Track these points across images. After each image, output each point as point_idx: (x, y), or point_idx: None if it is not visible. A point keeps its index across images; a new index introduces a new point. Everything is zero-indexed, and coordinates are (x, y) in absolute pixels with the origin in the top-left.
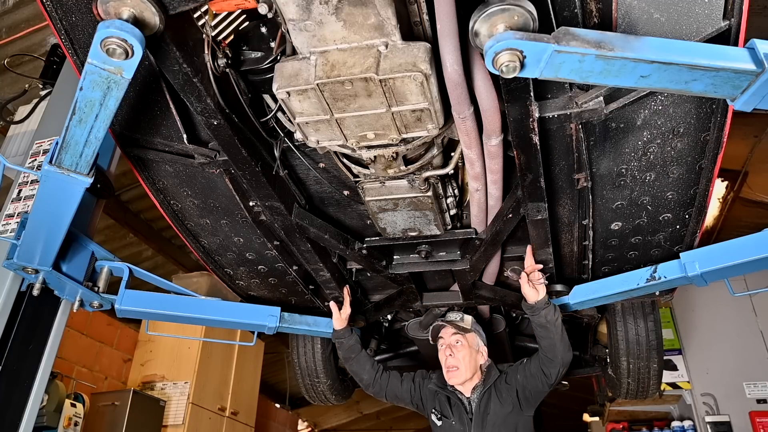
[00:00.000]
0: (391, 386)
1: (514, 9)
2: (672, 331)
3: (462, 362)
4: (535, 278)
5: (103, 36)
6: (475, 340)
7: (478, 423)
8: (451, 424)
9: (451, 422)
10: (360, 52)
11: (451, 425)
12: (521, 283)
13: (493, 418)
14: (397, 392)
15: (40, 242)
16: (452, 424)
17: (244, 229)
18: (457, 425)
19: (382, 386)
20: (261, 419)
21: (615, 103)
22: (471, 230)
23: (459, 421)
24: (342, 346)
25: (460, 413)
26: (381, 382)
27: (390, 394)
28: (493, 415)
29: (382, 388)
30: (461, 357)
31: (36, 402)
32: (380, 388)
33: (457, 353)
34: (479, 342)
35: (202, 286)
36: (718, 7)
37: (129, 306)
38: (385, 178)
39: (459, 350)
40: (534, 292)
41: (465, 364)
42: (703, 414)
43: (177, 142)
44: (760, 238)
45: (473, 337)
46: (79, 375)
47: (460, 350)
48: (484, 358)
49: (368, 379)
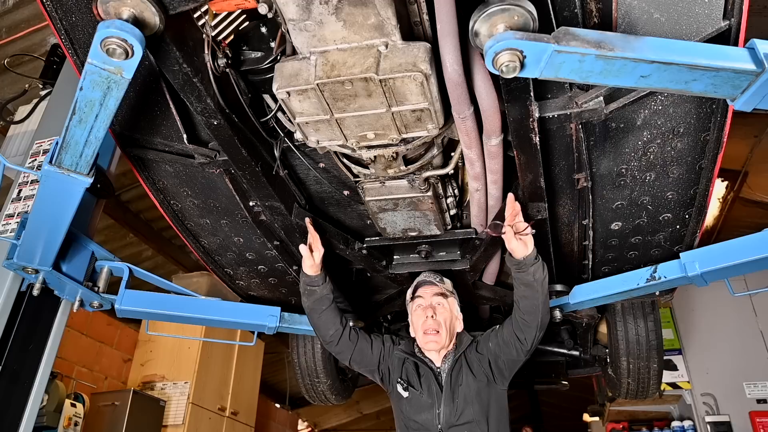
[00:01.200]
0: (360, 347)
1: (514, 9)
2: (672, 331)
3: (443, 327)
4: (520, 229)
5: (103, 36)
6: (455, 305)
7: (449, 396)
8: (420, 397)
9: (419, 394)
10: (360, 52)
11: (420, 398)
12: (506, 238)
13: (465, 390)
14: (365, 355)
15: (40, 242)
16: (420, 397)
17: (244, 229)
18: (426, 398)
19: (349, 346)
20: (261, 419)
21: (615, 103)
22: (471, 230)
23: (428, 393)
24: (312, 295)
25: (429, 384)
26: (348, 341)
27: (356, 356)
28: (465, 386)
29: (348, 348)
30: (443, 320)
31: (36, 402)
32: (345, 348)
33: (439, 315)
34: (458, 309)
35: (202, 286)
36: (718, 7)
37: (129, 306)
38: (385, 178)
39: (441, 312)
40: (522, 245)
41: (445, 329)
42: (703, 414)
43: (177, 142)
44: (760, 238)
45: (454, 303)
46: (79, 375)
47: (443, 313)
48: (461, 326)
49: (334, 335)
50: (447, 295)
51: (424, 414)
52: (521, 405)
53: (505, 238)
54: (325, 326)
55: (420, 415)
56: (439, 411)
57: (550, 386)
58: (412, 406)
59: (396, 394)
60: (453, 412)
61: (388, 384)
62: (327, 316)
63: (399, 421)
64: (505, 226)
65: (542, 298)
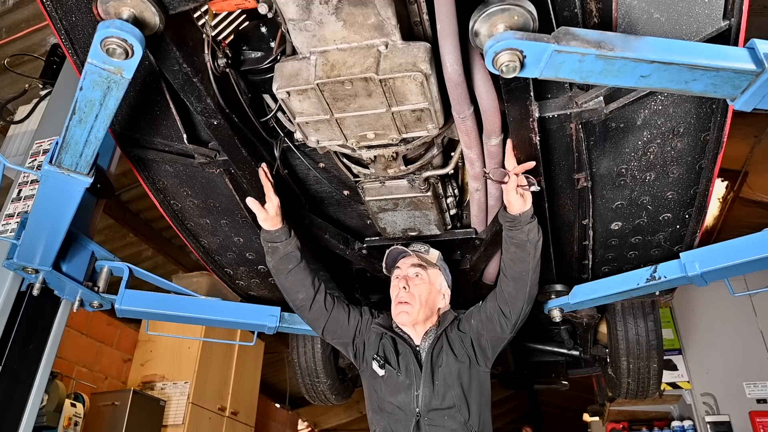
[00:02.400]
0: (335, 316)
1: (514, 9)
2: (672, 331)
3: (416, 300)
4: (522, 182)
5: (103, 36)
6: (438, 278)
7: (428, 377)
8: (397, 377)
9: (396, 374)
10: (360, 52)
11: (396, 378)
12: (506, 189)
13: (445, 371)
14: (341, 325)
15: (40, 242)
16: (398, 377)
17: (244, 229)
18: (403, 378)
19: (323, 313)
20: (261, 419)
21: (615, 103)
22: (471, 230)
23: (406, 373)
24: (276, 253)
25: (407, 363)
26: (323, 308)
27: (330, 326)
28: (445, 367)
29: (323, 315)
30: (417, 293)
31: (36, 402)
32: (319, 314)
33: (413, 287)
34: (443, 282)
35: (202, 286)
36: (718, 7)
37: (129, 306)
38: (385, 178)
39: (416, 285)
40: (520, 200)
41: (419, 302)
42: (703, 414)
43: (177, 142)
44: (760, 238)
45: (437, 275)
46: (79, 375)
47: (418, 285)
48: (445, 302)
49: (305, 298)
50: (426, 267)
51: (401, 395)
52: (521, 405)
53: (505, 189)
54: (293, 288)
55: (396, 397)
56: (417, 393)
57: (550, 386)
58: (388, 386)
59: (370, 372)
60: (433, 395)
61: (362, 361)
62: (295, 276)
63: (371, 403)
64: (510, 173)
65: (533, 263)
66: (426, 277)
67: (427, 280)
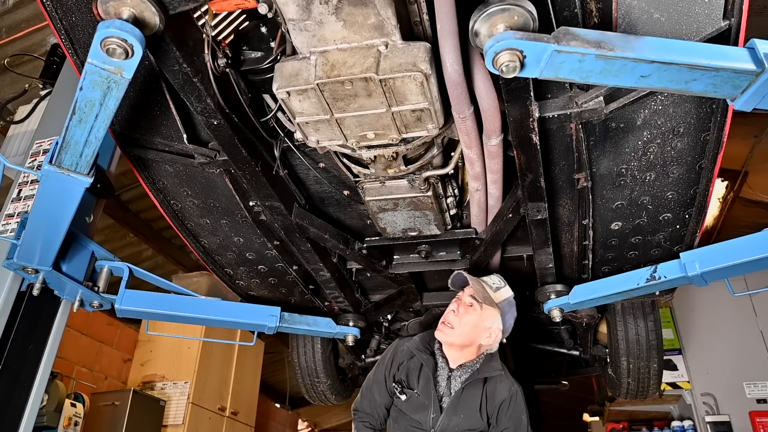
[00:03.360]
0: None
1: (514, 9)
2: (672, 331)
3: (459, 326)
4: None
5: (103, 36)
6: (491, 319)
7: (452, 408)
8: (416, 397)
9: (415, 394)
10: (360, 52)
11: (416, 398)
12: None
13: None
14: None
15: (40, 242)
16: (417, 397)
17: (244, 229)
18: (422, 398)
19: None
20: (261, 419)
21: (615, 103)
22: (471, 230)
23: (425, 395)
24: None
25: (427, 387)
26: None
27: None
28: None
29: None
30: (463, 322)
31: (36, 402)
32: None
33: (462, 315)
34: (497, 326)
35: (202, 286)
36: (718, 7)
37: (129, 306)
38: (385, 178)
39: (466, 313)
40: None
41: (462, 331)
42: (703, 414)
43: (177, 142)
44: (760, 238)
45: (492, 315)
46: (79, 375)
47: (468, 314)
48: (490, 342)
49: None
50: (481, 303)
51: (419, 414)
52: None
53: None
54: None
55: (415, 414)
56: (434, 415)
57: (550, 386)
58: (408, 405)
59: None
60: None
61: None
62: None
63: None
64: None
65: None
66: (479, 312)
67: (478, 314)
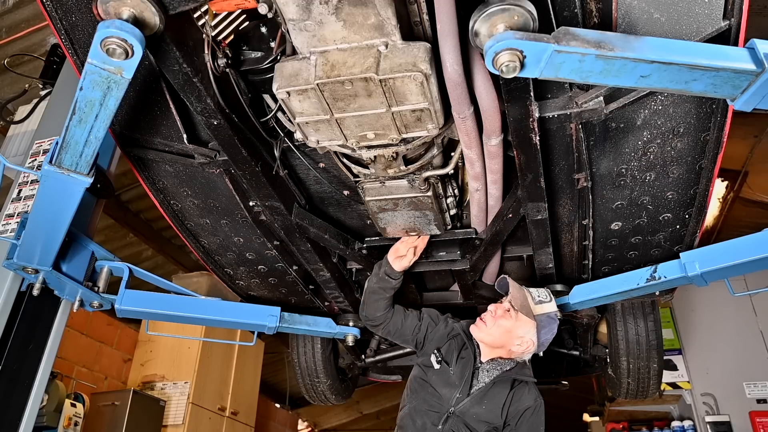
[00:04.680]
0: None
1: (514, 9)
2: (672, 331)
3: (493, 329)
4: None
5: (103, 36)
6: (525, 328)
7: (479, 396)
8: (449, 372)
9: (449, 370)
10: (360, 52)
11: (449, 373)
12: None
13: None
14: (399, 328)
15: (40, 242)
16: (450, 373)
17: (244, 229)
18: (455, 376)
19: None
20: (261, 419)
21: (615, 103)
22: (471, 230)
23: (459, 375)
24: (385, 283)
25: (464, 368)
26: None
27: (393, 331)
28: (490, 402)
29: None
30: (497, 324)
31: (36, 402)
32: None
33: (499, 318)
34: (530, 337)
35: (202, 286)
36: (718, 7)
37: (129, 306)
38: (385, 178)
39: (500, 318)
40: None
41: (494, 332)
42: (703, 414)
43: (177, 142)
44: (760, 238)
45: (527, 325)
46: (79, 375)
47: (503, 318)
48: (522, 350)
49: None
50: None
51: (446, 389)
52: None
53: None
54: (375, 308)
55: (442, 388)
56: (459, 396)
57: (550, 386)
58: (439, 377)
59: (426, 361)
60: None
61: (420, 350)
62: (382, 303)
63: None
64: None
65: None
66: (514, 321)
67: (512, 323)
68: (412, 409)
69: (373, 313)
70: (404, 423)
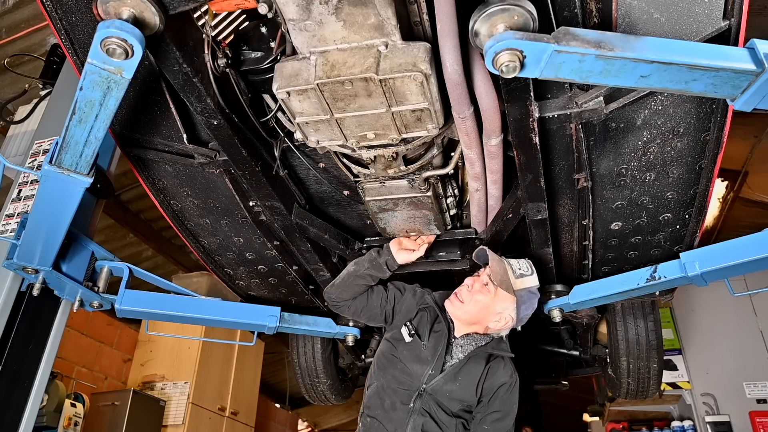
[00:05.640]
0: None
1: (514, 9)
2: (672, 331)
3: (469, 304)
4: None
5: (103, 36)
6: (504, 303)
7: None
8: (421, 347)
9: (421, 345)
10: (360, 52)
11: (420, 348)
12: None
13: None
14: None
15: (40, 242)
16: (422, 348)
17: (244, 229)
18: (427, 352)
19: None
20: (261, 419)
21: (615, 103)
22: (471, 230)
23: (432, 349)
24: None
25: (438, 343)
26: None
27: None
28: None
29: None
30: (475, 299)
31: (36, 402)
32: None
33: (475, 293)
34: (509, 313)
35: (202, 286)
36: (718, 7)
37: (129, 306)
38: (385, 178)
39: (479, 292)
40: None
41: (471, 309)
42: (703, 414)
43: (177, 142)
44: (760, 238)
45: (506, 300)
46: (79, 375)
47: (480, 293)
48: (500, 327)
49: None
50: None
51: (416, 365)
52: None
53: None
54: (350, 292)
55: (412, 364)
56: (432, 372)
57: (550, 386)
58: (409, 352)
59: (396, 335)
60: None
61: (390, 324)
62: (360, 289)
63: (381, 359)
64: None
65: None
66: (493, 296)
67: (491, 297)
68: (379, 388)
69: (344, 296)
70: (371, 403)
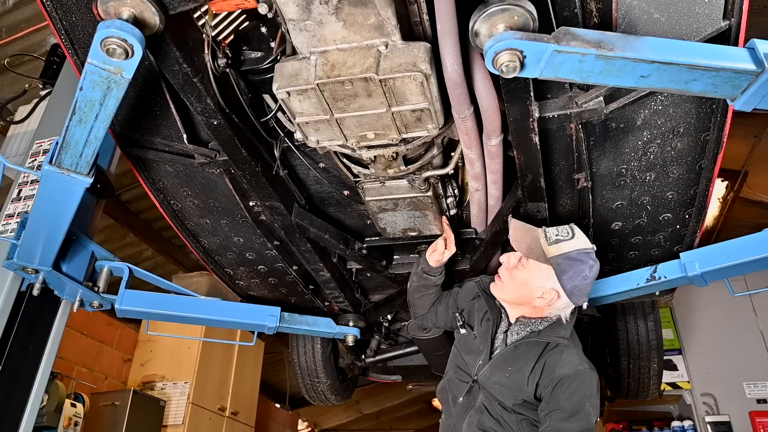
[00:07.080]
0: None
1: (514, 9)
2: (672, 331)
3: (510, 281)
4: None
5: (103, 36)
6: (540, 278)
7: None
8: (472, 338)
9: (473, 334)
10: (360, 52)
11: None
12: None
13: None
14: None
15: (40, 242)
16: (473, 339)
17: (244, 229)
18: (478, 342)
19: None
20: (261, 419)
21: (615, 103)
22: (471, 230)
23: (482, 339)
24: (425, 281)
25: (486, 331)
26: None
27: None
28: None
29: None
30: (513, 276)
31: (36, 402)
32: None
33: (513, 269)
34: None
35: (202, 286)
36: (718, 7)
37: (129, 306)
38: (385, 178)
39: (515, 268)
40: None
41: (510, 287)
42: (703, 414)
43: (177, 142)
44: (760, 238)
45: (542, 273)
46: (79, 375)
47: (517, 269)
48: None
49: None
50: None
51: (469, 356)
52: None
53: None
54: (420, 306)
55: (466, 355)
56: (481, 362)
57: None
58: (464, 343)
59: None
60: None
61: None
62: (427, 300)
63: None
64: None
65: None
66: (527, 270)
67: (526, 274)
68: (447, 382)
69: (418, 311)
70: (441, 397)
